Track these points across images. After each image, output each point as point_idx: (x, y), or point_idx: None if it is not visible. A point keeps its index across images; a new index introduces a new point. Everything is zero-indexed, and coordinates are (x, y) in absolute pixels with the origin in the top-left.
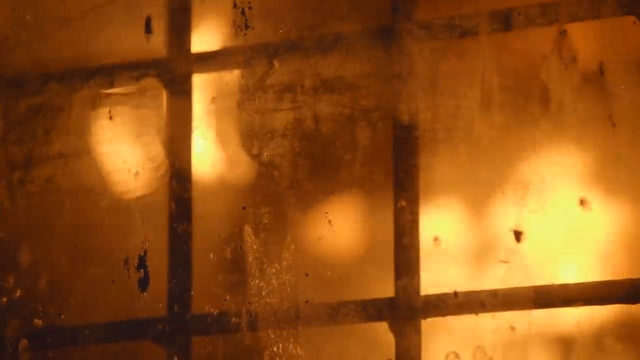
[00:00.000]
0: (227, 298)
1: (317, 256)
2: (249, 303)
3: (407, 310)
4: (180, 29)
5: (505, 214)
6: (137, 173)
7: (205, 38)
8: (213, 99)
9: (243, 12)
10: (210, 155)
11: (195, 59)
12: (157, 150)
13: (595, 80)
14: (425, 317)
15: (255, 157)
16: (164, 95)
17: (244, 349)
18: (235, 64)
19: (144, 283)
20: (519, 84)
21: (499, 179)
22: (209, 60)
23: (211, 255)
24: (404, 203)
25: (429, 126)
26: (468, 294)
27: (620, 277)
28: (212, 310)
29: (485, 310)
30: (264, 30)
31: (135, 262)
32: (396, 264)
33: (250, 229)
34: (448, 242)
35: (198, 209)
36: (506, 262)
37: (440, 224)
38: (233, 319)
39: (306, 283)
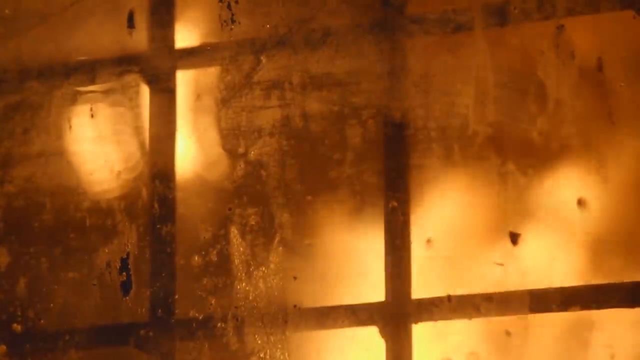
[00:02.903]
0: (213, 302)
1: (305, 259)
2: (235, 307)
3: (398, 314)
4: (163, 24)
5: (501, 215)
6: (119, 173)
7: (190, 33)
8: (198, 96)
9: (229, 7)
10: (194, 154)
11: (179, 54)
12: (139, 149)
13: (594, 76)
14: (417, 322)
15: (242, 156)
16: (147, 92)
17: (230, 354)
18: (220, 60)
19: (126, 287)
20: (515, 81)
21: (495, 179)
22: (194, 56)
23: (196, 258)
24: (395, 204)
25: (421, 124)
26: (462, 297)
27: (619, 280)
28: (196, 314)
29: (479, 315)
30: (251, 25)
31: (118, 265)
32: (387, 267)
33: (236, 231)
34: (441, 244)
35: (182, 209)
36: (502, 264)
37: (433, 225)
38: (219, 324)
39: (294, 287)
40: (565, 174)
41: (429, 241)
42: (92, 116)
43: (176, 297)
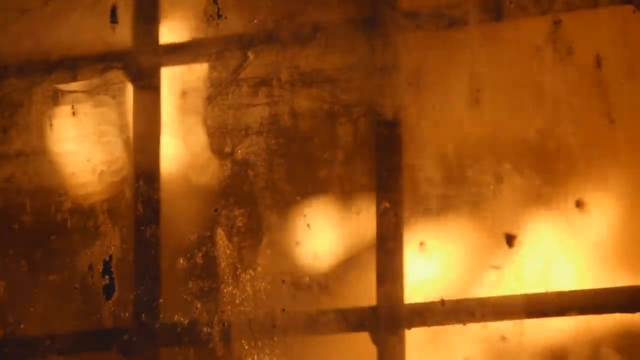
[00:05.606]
0: (198, 306)
1: (294, 262)
2: (222, 312)
3: (390, 319)
4: (148, 19)
5: (497, 216)
6: (101, 173)
7: (175, 28)
8: (183, 94)
9: (215, 1)
10: (179, 153)
11: (163, 50)
12: (123, 148)
13: (592, 73)
14: (409, 327)
15: (229, 155)
16: (130, 89)
17: None
18: (206, 56)
19: (109, 290)
20: (511, 78)
21: (490, 179)
22: (179, 52)
23: (181, 261)
24: (387, 205)
25: (414, 122)
26: (456, 302)
27: (619, 284)
28: (181, 319)
29: (474, 320)
30: (238, 20)
31: (100, 267)
32: (379, 270)
33: (222, 233)
34: (435, 246)
35: (166, 211)
36: (497, 268)
37: (427, 227)
38: (204, 329)
39: (283, 290)
40: (563, 173)
41: (422, 244)
42: (73, 114)
43: (160, 301)
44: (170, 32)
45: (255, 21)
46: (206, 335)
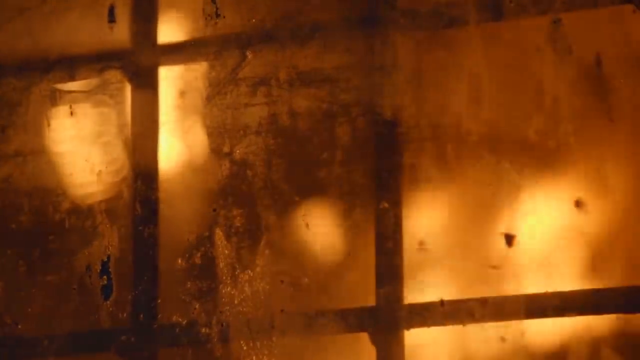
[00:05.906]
0: (197, 307)
1: (293, 262)
2: (220, 312)
3: (389, 320)
4: (146, 18)
5: (496, 216)
6: (99, 173)
7: (173, 28)
8: (181, 94)
9: (213, 0)
10: (178, 153)
11: (161, 50)
12: (121, 148)
13: (592, 72)
14: (408, 328)
15: (227, 155)
16: (129, 89)
17: None
18: (205, 56)
19: (107, 291)
20: (510, 77)
21: (489, 179)
22: (177, 52)
23: (179, 261)
24: (386, 205)
25: (413, 122)
26: (455, 302)
27: (619, 284)
28: (180, 319)
29: (473, 320)
30: (236, 20)
31: (98, 268)
32: (378, 271)
33: (221, 233)
34: (434, 246)
35: (165, 211)
36: (496, 268)
37: (426, 228)
38: (203, 329)
39: (281, 291)
40: (562, 173)
41: (421, 243)
42: (71, 114)
43: (159, 301)
44: (169, 31)
45: (254, 20)
46: (204, 336)
